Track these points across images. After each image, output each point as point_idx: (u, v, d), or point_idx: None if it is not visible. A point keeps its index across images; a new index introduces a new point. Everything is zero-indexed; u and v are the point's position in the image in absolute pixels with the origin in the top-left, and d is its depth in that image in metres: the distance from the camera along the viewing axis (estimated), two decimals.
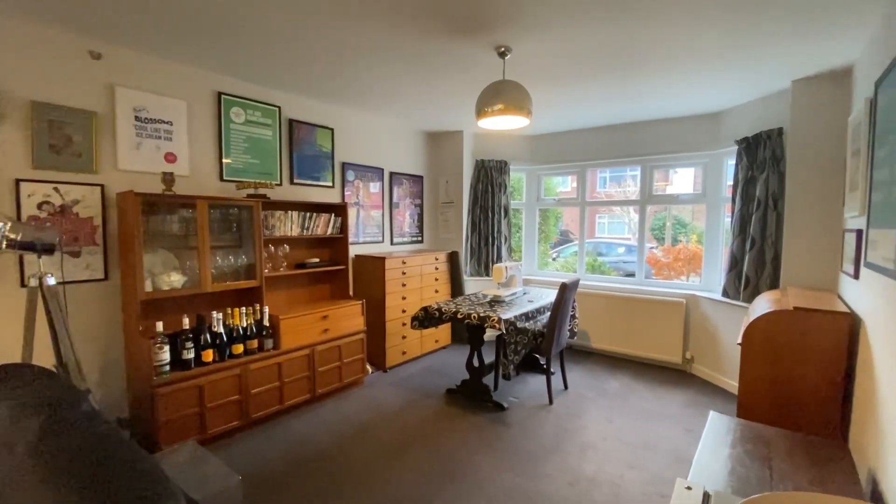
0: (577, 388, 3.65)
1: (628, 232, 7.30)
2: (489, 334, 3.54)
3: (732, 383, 3.59)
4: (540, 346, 3.33)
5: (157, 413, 2.43)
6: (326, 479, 2.37)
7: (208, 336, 2.69)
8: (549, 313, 3.52)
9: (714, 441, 1.96)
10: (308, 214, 3.44)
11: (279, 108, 3.47)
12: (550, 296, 3.78)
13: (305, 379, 3.20)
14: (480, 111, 2.56)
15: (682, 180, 5.33)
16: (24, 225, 2.10)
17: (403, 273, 4.14)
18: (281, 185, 3.54)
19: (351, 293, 3.79)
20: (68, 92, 2.48)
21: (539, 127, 4.61)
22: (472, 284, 4.97)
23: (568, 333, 3.66)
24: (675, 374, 4.03)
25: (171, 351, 2.56)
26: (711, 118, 3.96)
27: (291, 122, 3.57)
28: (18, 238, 2.03)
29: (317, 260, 3.58)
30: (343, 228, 3.70)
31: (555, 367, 3.93)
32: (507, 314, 3.02)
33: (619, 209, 7.52)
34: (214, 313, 2.74)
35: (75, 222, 2.51)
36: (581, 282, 4.64)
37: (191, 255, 2.80)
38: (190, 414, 2.57)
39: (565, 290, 3.21)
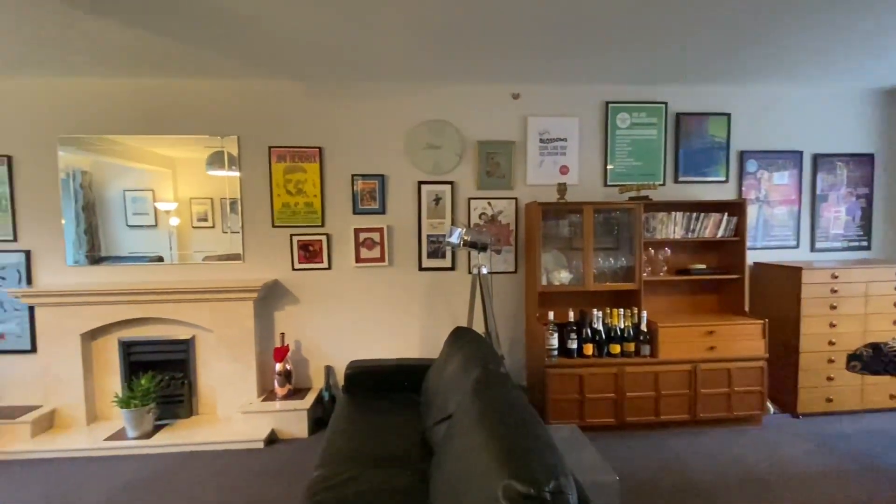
0: None
1: None
2: None
3: None
4: None
5: (547, 390, 2.84)
6: None
7: (588, 331, 2.89)
8: None
9: None
10: (693, 215, 3.09)
11: (665, 103, 3.29)
12: None
13: (685, 397, 2.89)
14: None
15: None
16: (472, 230, 2.94)
17: (833, 291, 3.02)
18: (664, 184, 3.35)
19: (746, 309, 3.13)
20: (497, 129, 3.27)
21: None
22: None
23: None
24: None
25: (559, 339, 2.92)
26: None
27: (679, 115, 3.31)
28: (469, 239, 2.86)
29: (702, 266, 3.16)
30: (739, 230, 3.10)
31: None
32: None
33: None
34: (595, 311, 2.91)
35: (499, 227, 3.29)
36: None
37: (576, 255, 3.10)
38: (571, 399, 2.85)
39: None
